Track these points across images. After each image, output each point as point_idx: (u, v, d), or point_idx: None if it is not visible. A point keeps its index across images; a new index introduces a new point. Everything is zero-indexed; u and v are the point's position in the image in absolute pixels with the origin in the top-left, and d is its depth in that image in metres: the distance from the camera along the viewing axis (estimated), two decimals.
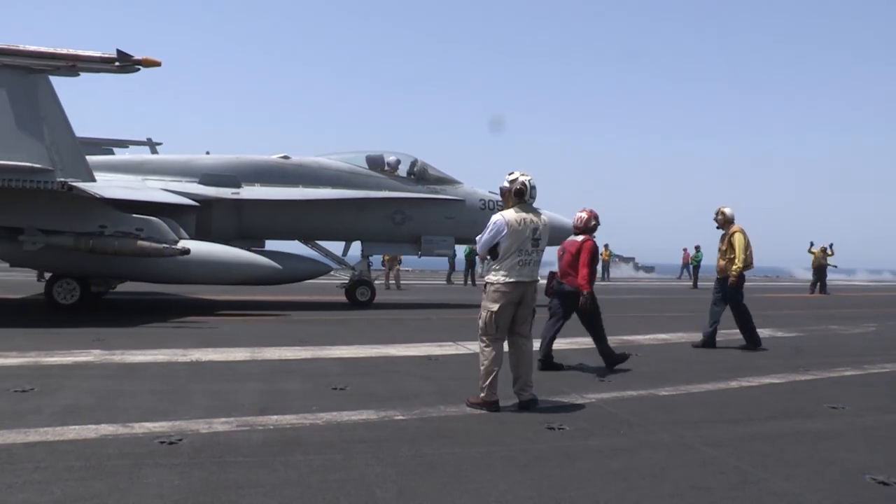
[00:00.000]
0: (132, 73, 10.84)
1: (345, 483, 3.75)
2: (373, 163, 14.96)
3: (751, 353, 9.34)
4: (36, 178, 10.23)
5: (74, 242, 11.15)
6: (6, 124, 10.23)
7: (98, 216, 11.41)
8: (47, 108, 10.55)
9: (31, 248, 11.28)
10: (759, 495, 3.77)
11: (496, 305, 5.54)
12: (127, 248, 11.24)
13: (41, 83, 10.51)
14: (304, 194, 14.14)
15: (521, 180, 5.71)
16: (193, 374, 6.79)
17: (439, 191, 14.89)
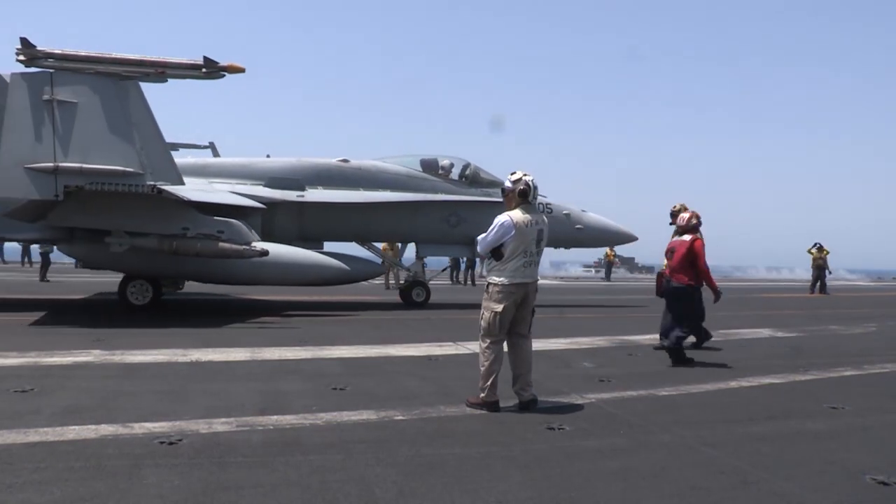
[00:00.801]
0: (218, 79, 11.09)
1: (345, 483, 3.75)
2: (427, 166, 15.29)
3: (750, 353, 9.33)
4: (127, 181, 10.49)
5: (159, 244, 11.43)
6: (99, 129, 10.51)
7: (181, 218, 11.62)
8: (138, 114, 10.83)
9: (118, 250, 11.54)
10: (759, 495, 3.77)
11: (500, 306, 5.53)
12: (209, 249, 11.51)
13: (132, 89, 10.80)
14: (364, 197, 14.49)
15: (525, 180, 5.70)
16: (193, 375, 6.80)
17: (491, 193, 15.02)
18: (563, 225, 15.50)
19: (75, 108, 10.42)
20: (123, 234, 11.53)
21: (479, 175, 15.38)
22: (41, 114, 10.27)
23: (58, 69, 10.38)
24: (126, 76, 10.71)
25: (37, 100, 10.26)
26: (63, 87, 10.38)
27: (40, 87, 10.27)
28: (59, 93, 10.34)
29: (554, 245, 16.00)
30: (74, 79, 10.47)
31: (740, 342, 10.65)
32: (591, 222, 16.08)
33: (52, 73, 10.37)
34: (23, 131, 10.22)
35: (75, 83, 10.46)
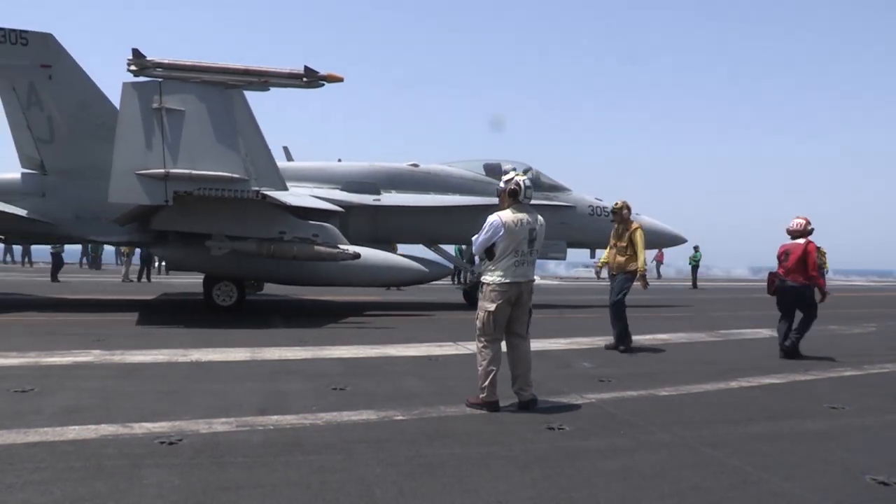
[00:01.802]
0: (317, 87, 11.37)
1: (345, 483, 3.75)
2: (490, 170, 15.71)
3: (750, 354, 9.33)
4: (233, 187, 10.80)
5: (257, 248, 11.78)
6: (206, 137, 10.78)
7: (279, 222, 12.12)
8: (242, 122, 11.11)
9: (218, 254, 11.91)
10: (759, 495, 3.77)
11: (493, 305, 5.54)
12: (305, 252, 11.91)
13: (237, 98, 11.06)
14: (436, 201, 14.97)
15: (516, 180, 5.73)
16: (193, 375, 6.80)
17: (552, 197, 15.63)
18: None
19: (183, 116, 10.68)
20: (224, 238, 11.90)
21: (540, 179, 15.78)
22: (151, 121, 10.52)
23: (166, 78, 10.65)
24: (231, 85, 11.00)
25: (147, 108, 10.51)
26: (171, 96, 10.63)
27: (150, 96, 10.52)
28: (167, 101, 10.57)
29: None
30: (182, 87, 10.74)
31: (740, 342, 10.65)
32: (645, 225, 16.57)
33: (160, 83, 10.61)
34: (134, 139, 10.49)
35: (183, 92, 10.73)
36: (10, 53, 12.44)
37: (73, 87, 12.96)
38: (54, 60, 12.78)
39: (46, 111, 12.97)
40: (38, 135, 13.10)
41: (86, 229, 13.60)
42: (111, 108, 12.96)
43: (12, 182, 13.37)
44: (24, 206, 13.06)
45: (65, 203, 13.28)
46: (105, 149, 12.22)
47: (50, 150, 13.19)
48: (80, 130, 13.07)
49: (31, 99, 12.88)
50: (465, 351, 8.58)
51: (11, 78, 12.75)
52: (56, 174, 13.33)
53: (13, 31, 12.39)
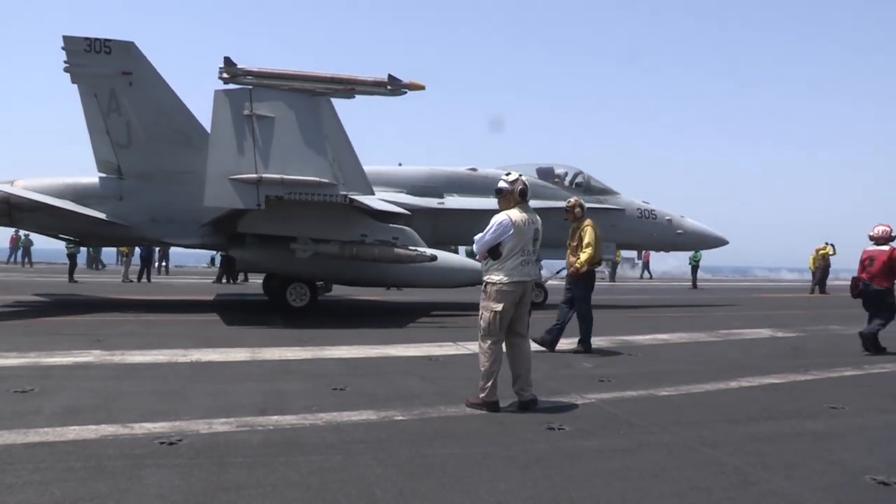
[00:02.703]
0: (400, 95, 11.70)
1: (345, 484, 3.75)
2: (543, 174, 16.27)
3: (750, 353, 9.33)
4: (322, 191, 11.08)
5: (340, 250, 12.12)
6: (295, 142, 11.08)
7: (361, 226, 12.46)
8: (330, 128, 11.40)
9: (302, 256, 12.20)
10: (759, 495, 3.76)
11: (500, 305, 5.52)
12: (385, 255, 12.28)
13: (324, 105, 11.36)
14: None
15: (522, 180, 5.74)
16: (193, 375, 6.79)
17: (603, 200, 16.10)
18: (665, 229, 16.73)
19: (273, 122, 10.96)
20: (308, 241, 12.16)
21: (590, 183, 16.37)
22: (242, 128, 10.85)
23: (256, 86, 10.97)
24: (319, 92, 11.30)
25: (238, 115, 10.81)
26: (261, 103, 10.92)
27: (241, 103, 10.82)
28: (257, 108, 10.86)
29: (656, 248, 17.57)
30: (271, 94, 11.02)
31: (740, 342, 10.65)
32: (690, 227, 17.16)
33: (250, 90, 10.91)
34: (227, 144, 10.82)
35: (272, 99, 11.01)
36: (94, 62, 12.89)
37: (152, 93, 13.38)
38: (135, 67, 13.22)
39: (125, 117, 13.36)
40: (116, 140, 13.49)
41: (160, 232, 13.94)
42: (188, 114, 13.64)
43: (91, 186, 13.76)
44: (102, 209, 13.43)
45: (141, 206, 13.65)
46: (180, 153, 13.28)
47: (127, 155, 13.58)
48: (157, 135, 13.51)
49: (111, 105, 13.28)
50: (465, 351, 8.58)
51: (94, 85, 13.22)
52: (133, 178, 13.71)
53: (98, 41, 12.87)
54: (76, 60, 12.92)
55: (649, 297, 20.13)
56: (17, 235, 33.98)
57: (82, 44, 12.86)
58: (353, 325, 11.66)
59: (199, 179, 12.87)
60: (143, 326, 10.83)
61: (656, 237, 17.00)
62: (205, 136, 13.33)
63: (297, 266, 12.68)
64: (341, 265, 12.69)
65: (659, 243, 17.31)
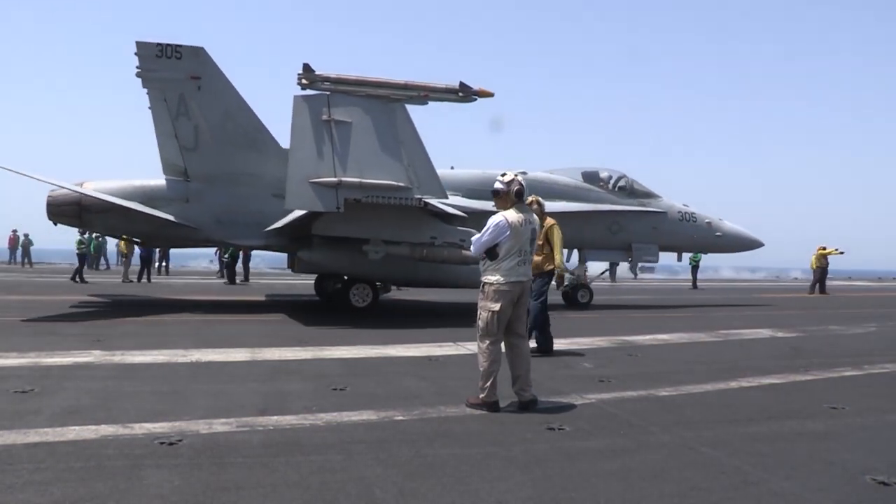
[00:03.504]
0: (470, 102, 12.07)
1: (345, 484, 3.75)
2: (588, 178, 16.71)
3: (750, 353, 9.33)
4: (398, 195, 11.42)
5: (410, 252, 12.56)
6: (371, 147, 11.42)
7: (430, 228, 12.80)
8: (405, 133, 11.69)
9: (375, 257, 12.60)
10: (759, 495, 3.76)
11: (497, 305, 5.53)
12: (453, 256, 12.74)
13: (399, 111, 11.69)
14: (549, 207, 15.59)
15: (518, 180, 5.73)
16: (193, 375, 6.79)
17: (646, 203, 16.68)
18: (705, 232, 17.10)
19: (350, 127, 11.30)
20: (380, 242, 12.55)
21: (633, 186, 16.73)
22: (321, 132, 11.18)
23: (333, 92, 11.34)
24: (393, 99, 11.65)
25: (316, 120, 11.15)
26: (338, 108, 11.27)
27: (319, 108, 11.16)
28: (335, 113, 11.21)
29: (696, 250, 18.03)
30: (348, 100, 11.39)
31: (740, 342, 10.65)
32: (729, 230, 17.57)
33: (328, 96, 11.28)
34: (306, 149, 11.14)
35: (349, 104, 11.38)
36: (164, 67, 13.29)
37: (220, 97, 13.73)
38: (204, 72, 13.57)
39: (193, 120, 13.71)
40: (183, 143, 13.82)
41: (225, 233, 14.22)
42: (253, 117, 13.97)
43: (159, 188, 14.07)
44: (169, 211, 13.72)
45: (207, 208, 13.96)
46: (245, 156, 13.65)
47: (194, 158, 13.92)
48: (224, 139, 13.87)
49: (179, 109, 13.62)
50: (465, 351, 8.57)
51: (164, 89, 13.56)
52: (199, 180, 14.02)
53: (169, 46, 13.28)
54: (147, 65, 13.34)
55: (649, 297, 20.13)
56: (16, 235, 33.99)
57: (154, 49, 13.26)
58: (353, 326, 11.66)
59: (263, 182, 13.85)
60: (143, 326, 10.83)
61: (696, 239, 17.41)
62: (269, 139, 14.15)
63: (367, 267, 13.03)
64: (410, 267, 13.06)
65: (699, 245, 17.69)
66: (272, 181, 13.87)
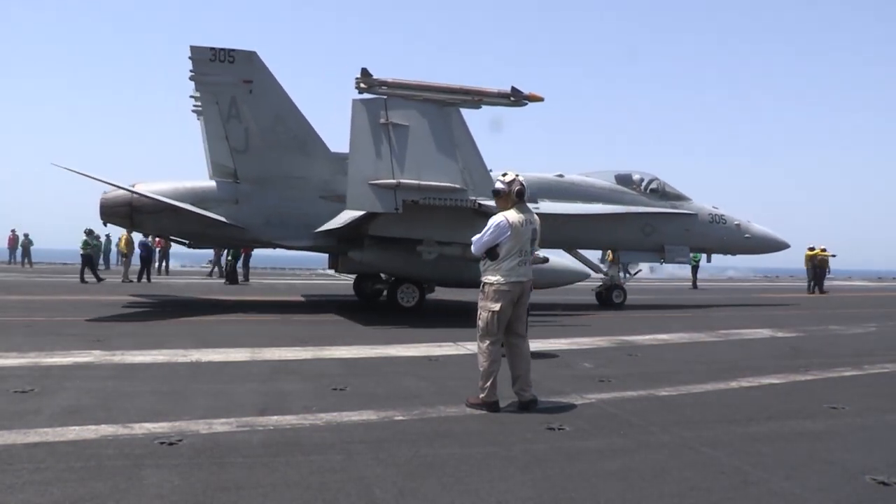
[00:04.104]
0: (521, 106, 12.35)
1: (345, 484, 3.74)
2: (621, 180, 16.94)
3: (750, 353, 9.33)
4: (454, 196, 11.78)
5: (462, 252, 12.44)
6: (428, 150, 11.74)
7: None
8: (460, 137, 12.03)
9: (428, 258, 12.95)
10: (759, 495, 3.76)
11: (497, 305, 5.53)
12: None
13: (454, 115, 12.01)
14: (584, 209, 15.99)
15: (519, 180, 5.73)
16: (193, 375, 6.79)
17: (678, 206, 16.93)
18: (734, 234, 17.38)
19: (407, 131, 11.60)
20: (433, 243, 12.87)
21: (665, 189, 16.99)
22: (379, 135, 11.47)
23: (390, 96, 11.62)
24: (448, 103, 11.95)
25: (375, 123, 11.43)
26: (395, 112, 11.55)
27: (377, 112, 11.44)
28: (392, 116, 11.49)
29: (725, 252, 18.16)
30: (405, 104, 11.68)
31: (740, 342, 10.65)
32: (757, 232, 17.89)
33: (385, 100, 11.55)
34: (366, 151, 11.42)
35: (406, 108, 11.66)
36: (218, 71, 13.57)
37: (271, 101, 13.96)
38: (256, 76, 13.79)
39: (244, 123, 13.96)
40: (234, 145, 14.10)
41: (273, 234, 14.42)
42: (303, 121, 14.23)
43: (209, 189, 14.38)
44: (219, 212, 13.98)
45: (256, 209, 14.18)
46: (294, 159, 13.97)
47: (244, 160, 14.17)
48: (273, 142, 14.11)
49: (231, 112, 13.89)
50: (465, 351, 8.57)
51: (216, 93, 13.84)
52: (248, 182, 14.26)
53: (222, 51, 13.54)
54: (201, 69, 13.62)
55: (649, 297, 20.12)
56: (15, 235, 34.00)
57: (207, 53, 13.51)
58: (353, 326, 11.66)
59: (310, 184, 14.17)
60: (143, 326, 10.83)
61: (726, 241, 17.68)
62: (317, 142, 14.43)
63: (419, 267, 13.31)
64: (461, 267, 13.22)
65: (728, 247, 17.97)
66: (319, 183, 14.34)
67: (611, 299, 16.83)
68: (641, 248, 17.01)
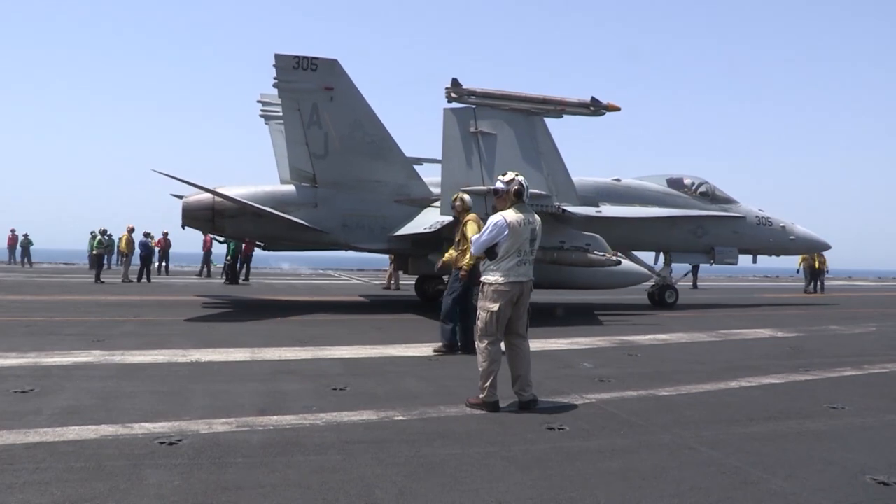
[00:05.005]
0: (599, 116, 12.87)
1: (345, 484, 3.75)
2: (673, 184, 17.43)
3: (750, 353, 9.33)
4: (540, 202, 12.34)
5: (543, 255, 12.84)
6: (515, 157, 12.27)
7: (560, 233, 13.49)
8: (544, 145, 12.67)
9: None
10: (759, 495, 3.76)
11: (496, 305, 5.53)
12: (580, 260, 13.54)
13: (538, 124, 12.64)
14: (642, 212, 16.38)
15: (518, 180, 5.73)
16: (193, 375, 6.79)
17: (727, 209, 17.33)
18: (780, 235, 17.74)
19: (495, 139, 12.23)
20: None
21: (715, 192, 17.40)
22: (469, 143, 12.16)
23: (479, 105, 12.22)
24: (532, 112, 12.48)
25: (465, 131, 12.10)
26: (484, 121, 12.23)
27: (466, 121, 12.13)
28: (481, 125, 12.16)
29: (771, 253, 18.56)
30: (492, 113, 12.30)
31: (740, 342, 10.65)
32: (801, 233, 18.24)
33: (474, 109, 12.18)
34: (457, 158, 12.10)
35: (493, 117, 12.30)
36: (301, 78, 13.95)
37: (350, 107, 14.27)
38: (337, 84, 14.12)
39: (324, 129, 14.27)
40: (314, 150, 14.38)
41: (351, 237, 14.65)
42: (380, 126, 14.54)
43: (289, 193, 14.67)
44: (298, 215, 14.23)
45: (334, 213, 14.45)
46: (371, 163, 14.35)
47: (323, 165, 14.44)
48: (352, 147, 14.42)
49: (312, 118, 14.21)
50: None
51: (298, 100, 14.30)
52: (327, 186, 14.52)
53: (306, 59, 13.92)
54: (285, 76, 13.95)
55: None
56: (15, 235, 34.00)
57: (291, 61, 13.83)
58: (353, 326, 11.66)
59: (386, 188, 14.52)
60: (143, 326, 10.82)
61: (772, 243, 18.02)
62: (394, 148, 14.80)
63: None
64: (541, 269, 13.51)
65: (774, 248, 18.35)
66: (394, 187, 14.66)
67: (664, 299, 17.16)
68: (691, 249, 17.40)
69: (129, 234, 24.46)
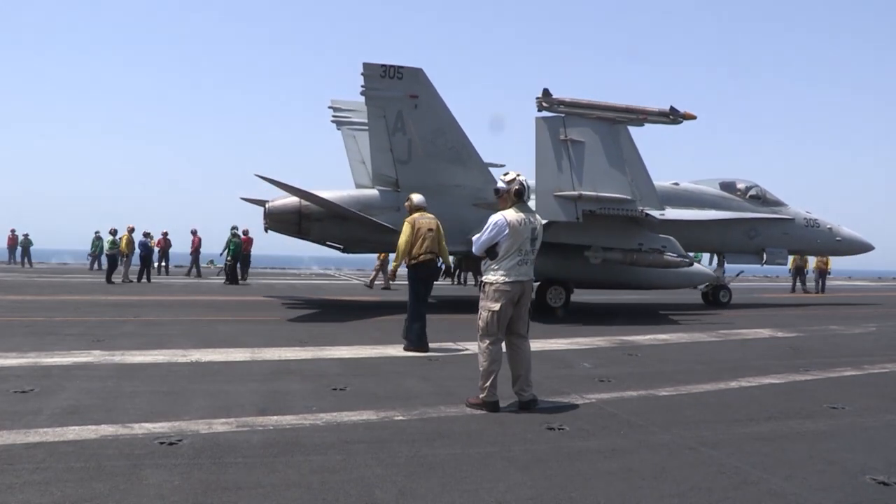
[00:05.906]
0: (677, 124, 13.28)
1: (345, 484, 3.74)
2: (725, 187, 17.89)
3: (750, 353, 9.33)
4: (625, 207, 12.93)
5: (623, 257, 13.93)
6: (602, 164, 12.83)
7: (639, 235, 14.14)
8: (628, 152, 13.14)
9: (595, 262, 13.99)
10: (759, 495, 3.76)
11: (497, 305, 5.53)
12: (657, 261, 14.12)
13: (622, 132, 13.10)
14: (700, 215, 16.80)
15: (520, 180, 5.72)
16: (193, 375, 6.79)
17: (777, 211, 17.80)
18: (826, 236, 18.20)
19: (583, 147, 12.70)
20: (599, 249, 13.88)
21: (766, 196, 17.85)
22: (560, 151, 12.63)
23: (568, 114, 12.64)
24: (617, 121, 12.93)
25: (556, 139, 12.57)
26: (573, 129, 12.66)
27: (556, 129, 12.60)
28: (570, 133, 12.60)
29: (818, 254, 19.24)
30: (580, 122, 12.73)
31: (740, 342, 10.65)
32: (846, 235, 18.70)
33: (563, 118, 12.62)
34: (549, 165, 12.59)
35: (581, 125, 12.74)
36: (387, 86, 14.32)
37: (433, 115, 14.62)
38: (421, 92, 14.46)
39: (408, 136, 14.61)
40: (397, 156, 14.71)
41: None
42: (461, 133, 14.89)
43: (373, 197, 15.04)
44: (382, 219, 14.51)
45: None
46: (452, 169, 14.76)
47: (406, 170, 14.78)
48: (434, 153, 14.77)
49: (397, 125, 14.55)
50: (465, 351, 8.58)
51: (384, 107, 14.57)
52: (409, 191, 14.65)
53: (392, 67, 14.30)
54: (372, 84, 14.26)
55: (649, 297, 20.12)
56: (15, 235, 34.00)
57: (378, 70, 14.21)
58: (353, 325, 11.66)
59: (465, 192, 14.92)
60: (143, 326, 10.83)
61: (820, 244, 18.53)
62: (473, 153, 15.21)
63: (582, 271, 14.37)
64: (620, 270, 14.33)
65: (821, 249, 18.94)
66: (473, 191, 14.96)
67: (717, 299, 17.67)
68: (744, 250, 17.80)
69: (129, 235, 24.47)
